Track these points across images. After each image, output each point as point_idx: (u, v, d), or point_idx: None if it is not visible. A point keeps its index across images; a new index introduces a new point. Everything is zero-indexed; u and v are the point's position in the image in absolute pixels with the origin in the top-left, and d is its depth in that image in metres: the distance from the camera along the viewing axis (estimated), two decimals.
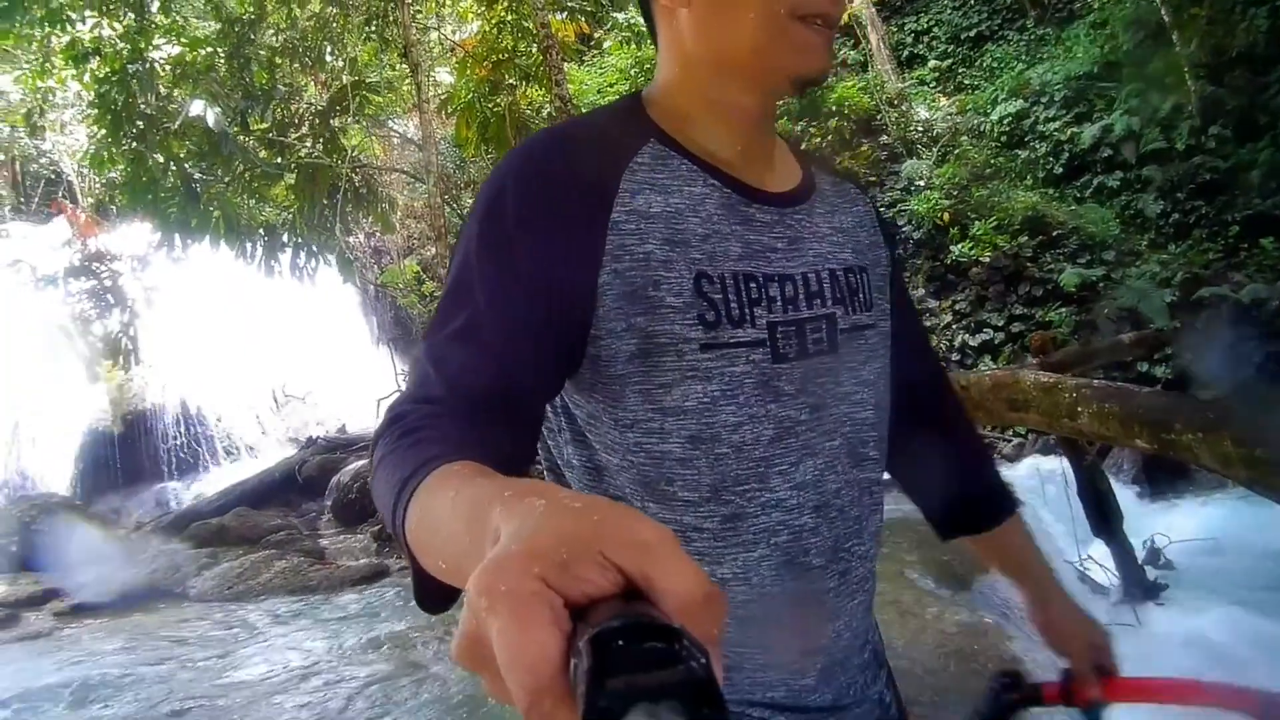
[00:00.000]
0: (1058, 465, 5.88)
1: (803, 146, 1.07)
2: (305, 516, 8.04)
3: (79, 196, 9.07)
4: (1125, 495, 5.68)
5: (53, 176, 9.36)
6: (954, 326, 9.00)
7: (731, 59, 0.84)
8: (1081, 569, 5.12)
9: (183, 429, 8.35)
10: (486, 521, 0.41)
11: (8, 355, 7.61)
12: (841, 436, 0.87)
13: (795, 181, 0.91)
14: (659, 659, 0.30)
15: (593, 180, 0.79)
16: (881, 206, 9.56)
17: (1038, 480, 6.17)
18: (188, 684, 4.37)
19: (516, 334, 0.74)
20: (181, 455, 8.18)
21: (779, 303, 0.83)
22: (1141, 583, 4.79)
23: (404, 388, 0.75)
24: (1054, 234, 8.59)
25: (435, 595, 0.56)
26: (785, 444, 0.82)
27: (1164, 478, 6.64)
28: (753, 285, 0.82)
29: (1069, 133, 9.15)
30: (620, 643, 0.31)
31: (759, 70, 0.83)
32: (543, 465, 0.92)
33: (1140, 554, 4.95)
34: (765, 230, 0.84)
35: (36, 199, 9.45)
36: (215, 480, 8.12)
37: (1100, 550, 5.00)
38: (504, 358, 0.72)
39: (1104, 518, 4.90)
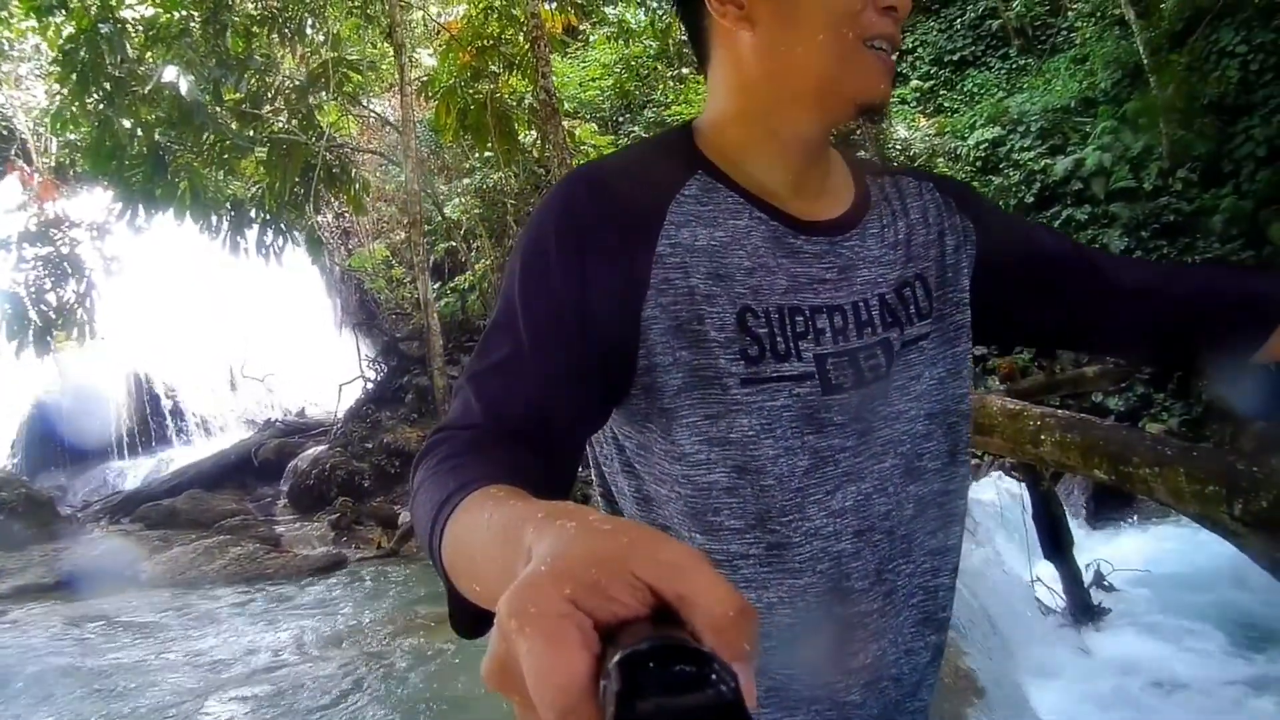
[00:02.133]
0: (1015, 487, 6.04)
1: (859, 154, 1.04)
2: (260, 501, 7.87)
3: (34, 157, 8.69)
4: (1074, 520, 5.88)
5: (4, 134, 8.94)
6: None
7: (798, 85, 0.82)
8: (1031, 588, 5.27)
9: (135, 406, 8.07)
10: (519, 543, 0.41)
11: None
12: (896, 455, 0.87)
13: (849, 204, 0.89)
14: (689, 682, 0.30)
15: (637, 214, 0.78)
16: None
17: (996, 500, 6.33)
18: (135, 673, 4.24)
19: (558, 367, 0.74)
20: (134, 433, 7.90)
21: (828, 334, 0.82)
22: (1087, 606, 4.96)
23: (444, 417, 0.75)
24: None
25: (469, 618, 0.55)
26: (821, 473, 0.82)
27: (1111, 504, 6.84)
28: (799, 319, 0.81)
29: (1042, 163, 9.25)
30: (650, 665, 0.31)
31: (825, 96, 0.82)
32: (598, 493, 0.93)
33: (1086, 578, 5.12)
34: (814, 262, 0.84)
35: None
36: (168, 460, 7.88)
37: (1049, 572, 5.14)
38: (544, 390, 0.73)
39: (1056, 541, 5.04)
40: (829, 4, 0.79)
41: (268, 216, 9.00)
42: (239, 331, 8.85)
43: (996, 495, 6.38)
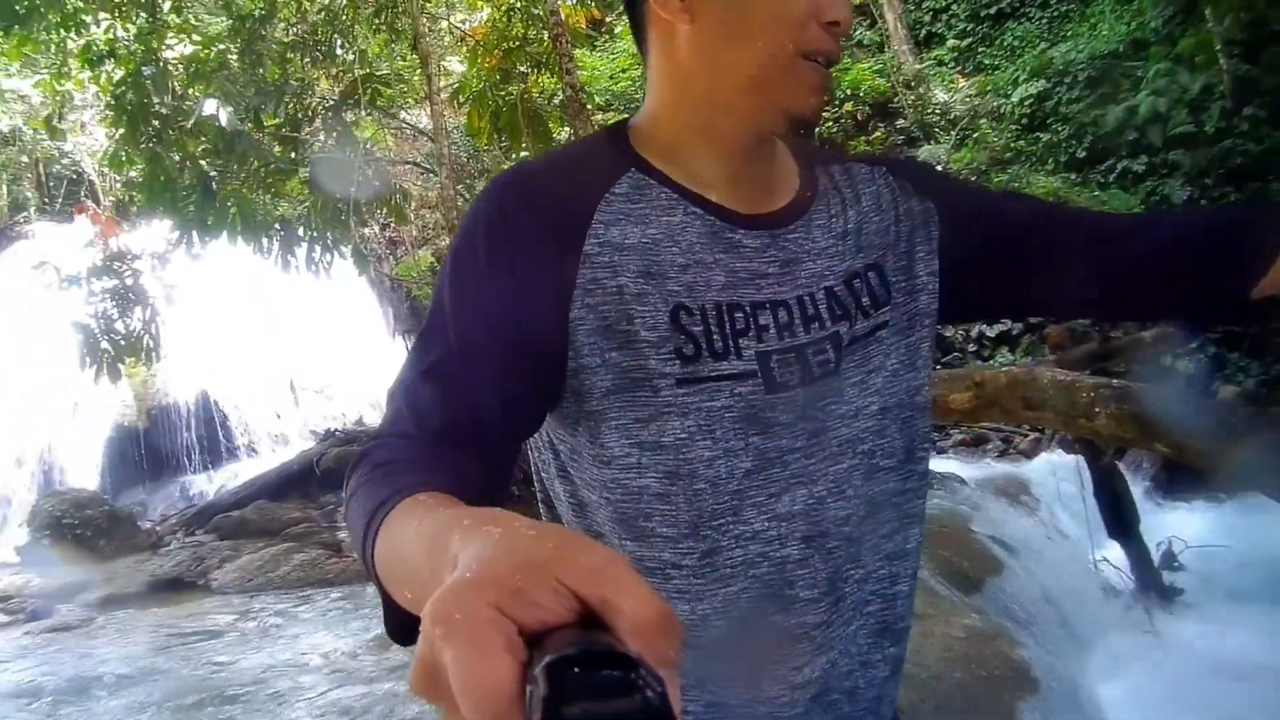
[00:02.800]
0: (1074, 462, 5.82)
1: (810, 141, 1.00)
2: (324, 509, 8.16)
3: (100, 196, 9.20)
4: (1142, 495, 5.59)
5: (75, 177, 9.51)
6: None
7: (729, 86, 0.81)
8: (1095, 570, 5.08)
9: (204, 423, 8.51)
10: (446, 550, 0.41)
11: (36, 355, 7.79)
12: (855, 456, 0.84)
13: (793, 195, 0.87)
14: (615, 687, 0.30)
15: (564, 214, 0.78)
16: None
17: (1053, 478, 6.10)
18: (208, 676, 4.50)
19: (488, 372, 0.74)
20: (203, 449, 8.35)
21: (771, 330, 0.80)
22: (1157, 587, 4.72)
23: (378, 426, 0.76)
24: None
25: (405, 626, 0.55)
26: (765, 475, 0.80)
27: (1184, 476, 6.51)
28: (738, 315, 0.79)
29: (1093, 115, 8.81)
30: (576, 670, 0.31)
31: (755, 104, 0.81)
32: (539, 499, 0.92)
33: (1155, 557, 4.89)
34: (755, 256, 0.82)
35: (60, 200, 9.61)
36: (236, 473, 8.29)
37: (1116, 552, 4.92)
38: (474, 396, 0.73)
39: (1120, 519, 4.84)
40: (771, 10, 0.78)
41: (315, 234, 9.33)
42: (296, 346, 9.22)
43: (1053, 473, 6.17)
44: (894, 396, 0.87)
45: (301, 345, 9.24)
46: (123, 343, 7.52)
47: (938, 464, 7.40)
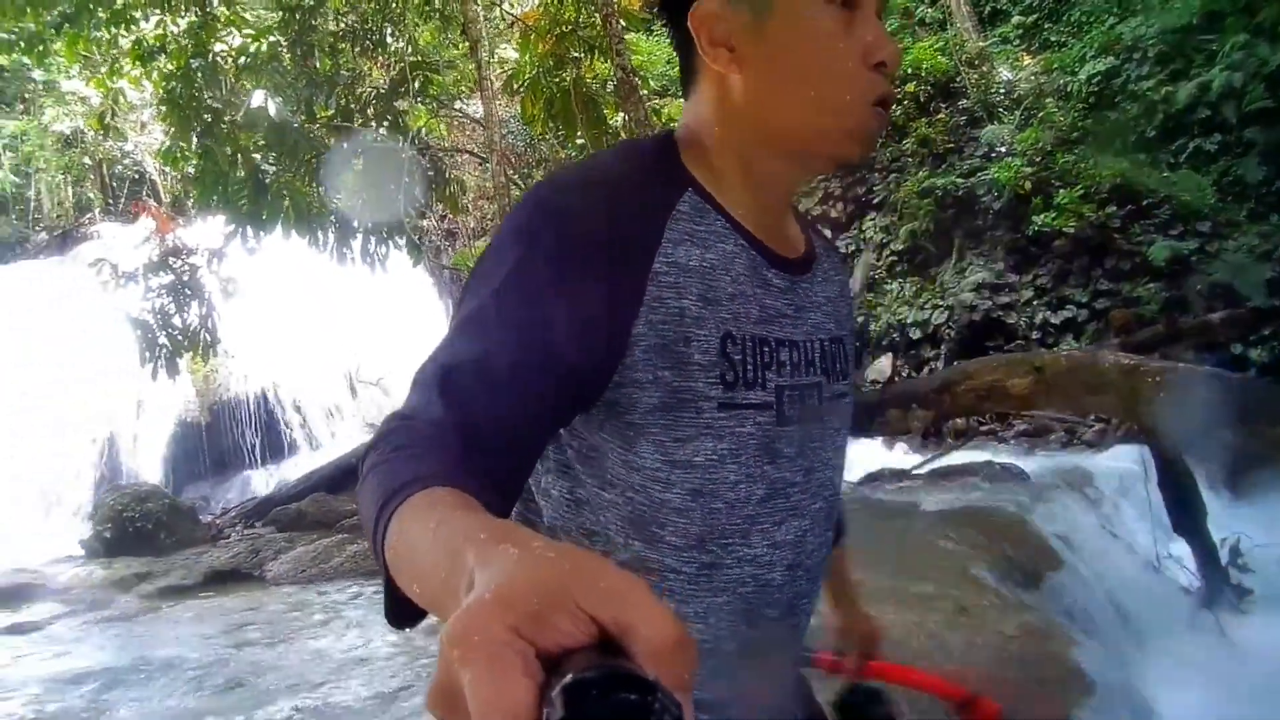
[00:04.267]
0: (1139, 453, 5.56)
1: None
2: None
3: (160, 195, 9.39)
4: (1208, 488, 5.31)
5: (137, 177, 9.73)
6: (1035, 303, 8.55)
7: (779, 135, 0.83)
8: (1159, 567, 4.87)
9: (264, 418, 8.67)
10: (462, 564, 0.42)
11: (102, 354, 8.00)
12: (823, 499, 0.91)
13: (802, 249, 0.92)
14: (632, 710, 0.30)
15: (637, 227, 0.78)
16: (959, 176, 9.03)
17: (1117, 470, 5.85)
18: (257, 662, 4.58)
19: (533, 377, 0.73)
20: (264, 443, 8.50)
21: (787, 368, 0.85)
22: (1224, 586, 4.48)
23: (406, 397, 0.74)
24: (1144, 203, 7.99)
25: (404, 612, 0.56)
26: (773, 504, 0.85)
27: (1252, 471, 6.18)
28: (765, 349, 0.83)
29: (1163, 92, 8.41)
30: (594, 693, 0.31)
31: (804, 150, 0.83)
32: None
33: (1223, 554, 4.66)
34: (779, 296, 0.86)
35: (123, 199, 9.85)
36: (296, 467, 8.42)
37: (1181, 549, 4.66)
38: (514, 399, 0.72)
39: (1185, 513, 4.61)
40: (819, 60, 0.80)
41: (369, 225, 9.39)
42: (354, 338, 9.31)
43: (1118, 465, 5.91)
44: (839, 466, 0.95)
45: (359, 338, 9.34)
46: (180, 338, 7.67)
47: (998, 454, 7.21)
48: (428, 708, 0.36)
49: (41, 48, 7.20)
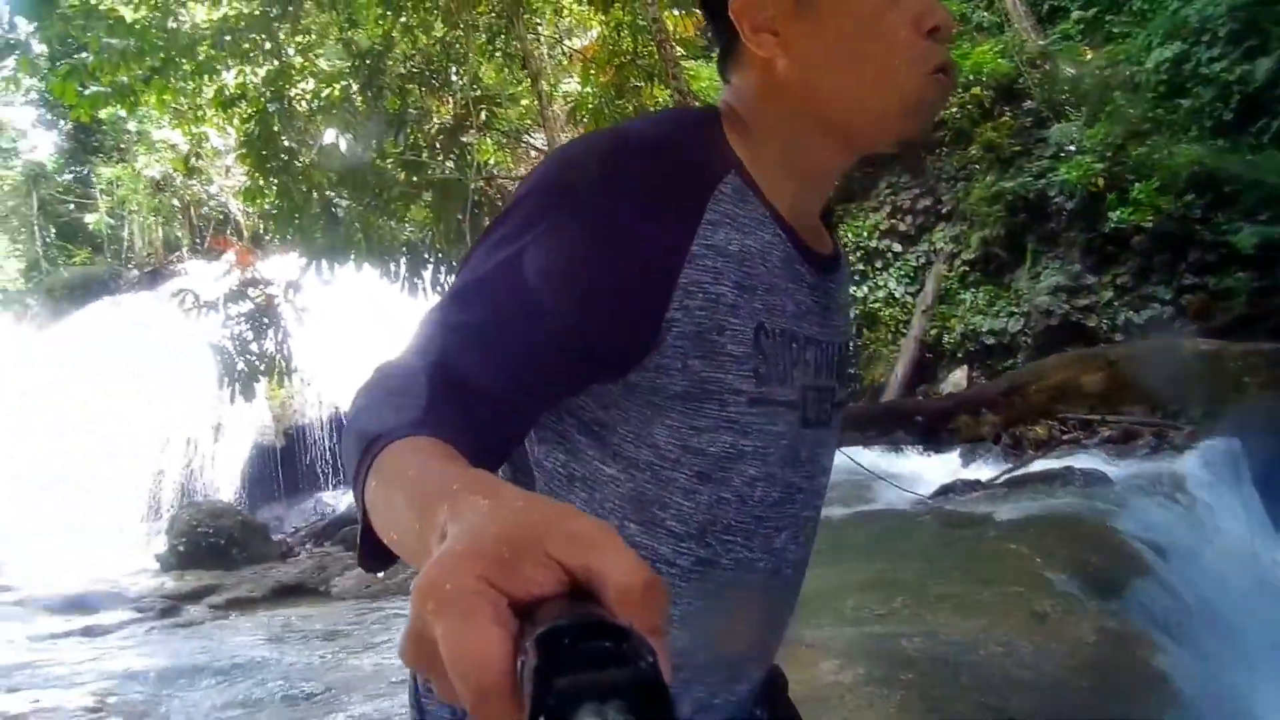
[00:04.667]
0: (1232, 450, 5.21)
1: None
2: None
3: (243, 231, 9.93)
4: None
5: (221, 217, 10.34)
6: (1115, 303, 8.13)
7: (837, 117, 0.78)
8: (1262, 570, 4.52)
9: (337, 441, 8.92)
10: (434, 515, 0.42)
11: (184, 382, 8.43)
12: (813, 509, 0.87)
13: (830, 247, 0.87)
14: (607, 658, 0.30)
15: (675, 204, 0.73)
16: (1028, 178, 8.71)
17: (1210, 471, 5.47)
18: (317, 671, 4.68)
19: (540, 350, 0.69)
20: (336, 466, 8.74)
21: (810, 367, 0.81)
22: None
23: (403, 347, 0.71)
24: (1226, 190, 7.52)
25: (378, 555, 0.55)
26: (782, 509, 0.82)
27: None
28: (794, 346, 0.79)
29: (1238, 71, 7.90)
30: (567, 641, 0.31)
31: (867, 130, 0.79)
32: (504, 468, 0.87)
33: None
34: (810, 293, 0.81)
35: (208, 237, 10.49)
36: None
37: None
38: (514, 368, 0.68)
39: None
40: (867, 32, 0.76)
41: (439, 256, 9.69)
42: None
43: (1211, 465, 5.53)
44: (829, 469, 0.90)
45: None
46: (257, 363, 8.01)
47: (1079, 461, 6.82)
48: (401, 659, 0.36)
49: (133, 98, 7.75)
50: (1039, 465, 6.66)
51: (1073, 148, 8.70)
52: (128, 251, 10.51)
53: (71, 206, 10.01)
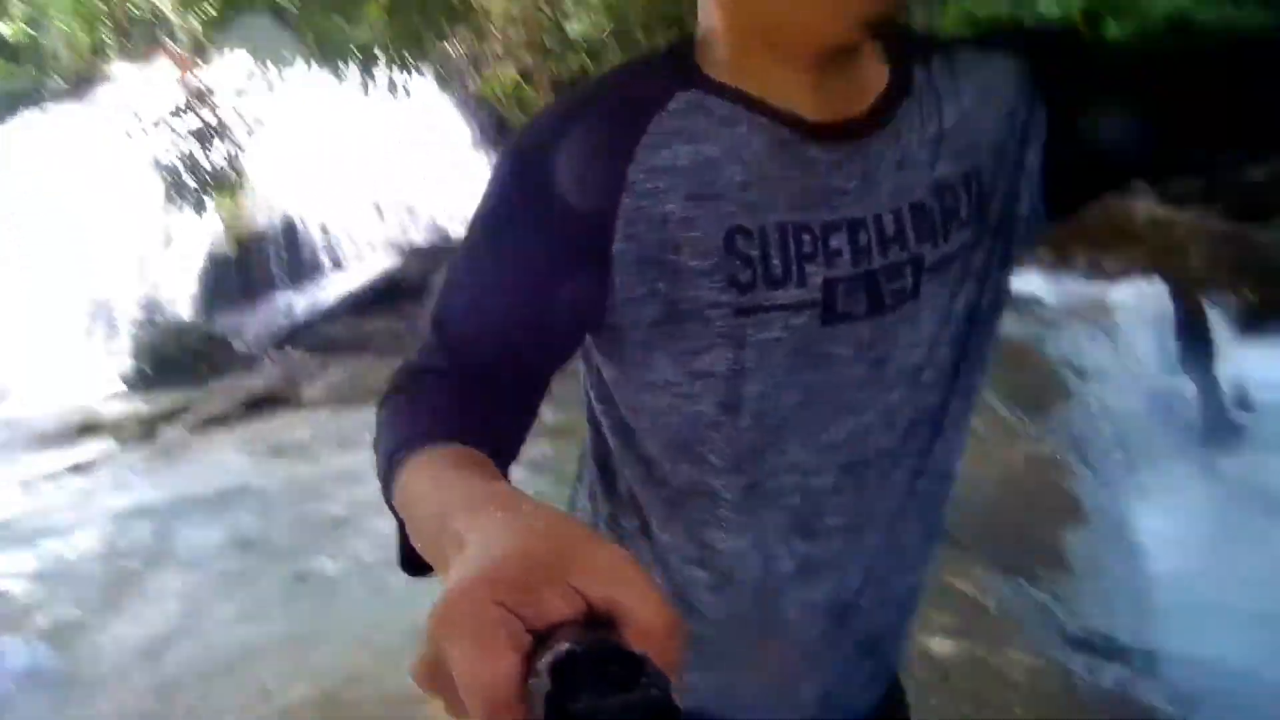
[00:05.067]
0: (1161, 289, 5.46)
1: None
2: (409, 320, 8.25)
3: (177, 34, 9.26)
4: (1224, 335, 5.25)
5: (153, 20, 9.58)
6: None
7: (774, 11, 0.71)
8: (1165, 401, 4.89)
9: (292, 246, 8.74)
10: (450, 527, 0.43)
11: (127, 196, 8.12)
12: (903, 387, 0.78)
13: (881, 97, 0.74)
14: (620, 685, 0.30)
15: (610, 142, 0.72)
16: (1003, 5, 8.35)
17: (1137, 304, 5.76)
18: (302, 491, 4.71)
19: (525, 311, 0.73)
20: (292, 271, 8.60)
21: (845, 255, 0.72)
22: (1223, 425, 4.62)
23: (415, 349, 0.78)
24: (1200, 43, 7.43)
25: (414, 560, 0.56)
26: (813, 410, 0.76)
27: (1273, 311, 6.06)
28: (805, 237, 0.72)
29: None
30: (582, 667, 0.31)
31: (820, 13, 0.69)
32: (586, 418, 0.90)
33: (1227, 396, 4.70)
34: (832, 171, 0.72)
35: (143, 47, 9.77)
36: (325, 292, 8.55)
37: (1189, 386, 4.80)
38: (509, 335, 0.73)
39: (1197, 351, 4.66)
40: None
41: (393, 55, 9.20)
42: (379, 165, 9.25)
43: (1139, 297, 5.82)
44: (971, 319, 0.80)
45: (385, 164, 9.29)
46: (207, 178, 7.77)
47: (1017, 282, 7.02)
48: (415, 681, 0.36)
49: None
50: None
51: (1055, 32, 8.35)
52: (52, 61, 9.75)
53: None
